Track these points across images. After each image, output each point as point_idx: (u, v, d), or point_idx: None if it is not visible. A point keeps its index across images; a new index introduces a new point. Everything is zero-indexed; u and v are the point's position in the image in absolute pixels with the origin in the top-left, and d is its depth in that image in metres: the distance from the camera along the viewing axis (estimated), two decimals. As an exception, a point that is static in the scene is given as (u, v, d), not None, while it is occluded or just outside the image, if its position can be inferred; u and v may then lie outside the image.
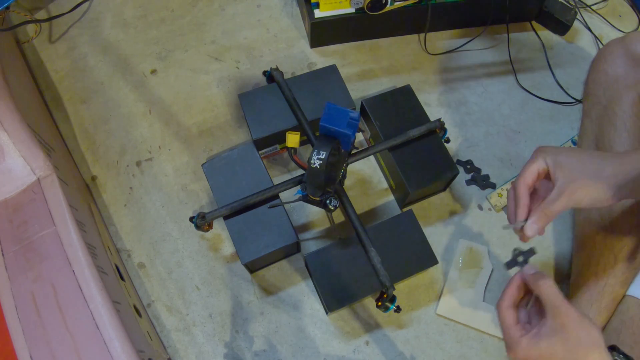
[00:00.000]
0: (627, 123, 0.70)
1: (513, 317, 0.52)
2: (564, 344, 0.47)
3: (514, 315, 0.52)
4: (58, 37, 1.05)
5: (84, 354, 0.60)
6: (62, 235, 0.67)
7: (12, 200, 0.71)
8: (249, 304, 0.81)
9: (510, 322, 0.52)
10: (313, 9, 0.96)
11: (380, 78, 1.00)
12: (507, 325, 0.52)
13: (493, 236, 0.86)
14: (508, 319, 0.52)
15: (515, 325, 0.51)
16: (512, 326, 0.51)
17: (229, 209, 0.74)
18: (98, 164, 0.92)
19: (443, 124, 0.82)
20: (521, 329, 0.51)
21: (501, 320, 0.53)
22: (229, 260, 0.84)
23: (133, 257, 0.84)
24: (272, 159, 0.92)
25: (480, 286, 0.81)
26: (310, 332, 0.79)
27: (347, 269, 0.75)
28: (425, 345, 0.78)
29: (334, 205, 0.69)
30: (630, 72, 0.72)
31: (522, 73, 1.02)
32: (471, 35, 1.04)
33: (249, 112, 0.84)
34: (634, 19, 1.09)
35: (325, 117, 0.65)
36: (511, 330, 0.51)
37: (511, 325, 0.51)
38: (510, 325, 0.51)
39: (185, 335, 0.79)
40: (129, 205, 0.88)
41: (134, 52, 1.03)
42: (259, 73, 0.99)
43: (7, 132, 0.72)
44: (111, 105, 0.97)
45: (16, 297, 0.64)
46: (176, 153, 0.92)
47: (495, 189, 0.90)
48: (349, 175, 0.89)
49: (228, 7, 1.08)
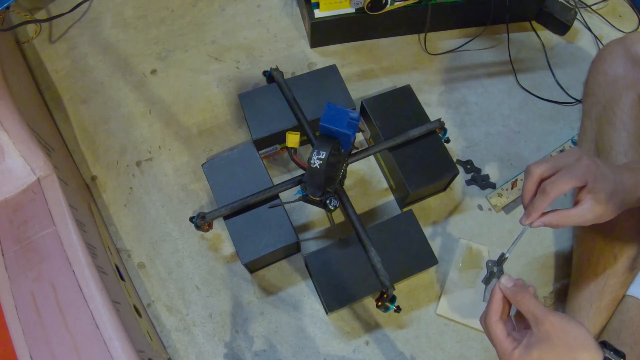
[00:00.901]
0: (627, 123, 0.70)
1: (502, 331, 0.53)
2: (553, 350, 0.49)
3: (502, 328, 0.53)
4: (58, 37, 1.05)
5: (84, 354, 0.60)
6: (62, 235, 0.67)
7: (12, 200, 0.71)
8: (249, 304, 0.81)
9: (501, 336, 0.52)
10: (313, 9, 0.96)
11: (380, 78, 1.00)
12: (499, 340, 0.52)
13: (493, 236, 0.86)
14: (498, 333, 0.52)
15: (506, 338, 0.52)
16: (503, 340, 0.52)
17: (229, 209, 0.74)
18: (98, 164, 0.92)
19: (443, 124, 0.82)
20: (512, 342, 0.51)
21: (491, 335, 0.53)
22: (229, 260, 0.84)
23: (133, 257, 0.84)
24: (272, 159, 0.92)
25: (480, 286, 0.81)
26: (310, 332, 0.79)
27: (347, 269, 0.75)
28: (425, 345, 0.78)
29: (334, 205, 0.69)
30: (630, 72, 0.72)
31: (522, 73, 1.02)
32: (471, 35, 1.04)
33: (249, 112, 0.84)
34: (634, 19, 1.09)
35: (325, 117, 0.65)
36: (503, 344, 0.52)
37: (502, 340, 0.52)
38: (501, 339, 0.52)
39: (185, 335, 0.79)
40: (129, 205, 0.88)
41: (134, 52, 1.03)
42: (259, 73, 0.99)
43: (7, 132, 0.72)
44: (111, 105, 0.97)
45: (16, 297, 0.64)
46: (176, 153, 0.92)
47: (495, 189, 0.90)
48: (349, 175, 0.89)
49: (228, 7, 1.08)
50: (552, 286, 0.82)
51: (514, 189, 0.89)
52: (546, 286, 0.83)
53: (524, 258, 0.85)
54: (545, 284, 0.83)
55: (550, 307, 0.55)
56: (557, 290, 0.82)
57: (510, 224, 0.87)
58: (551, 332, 0.49)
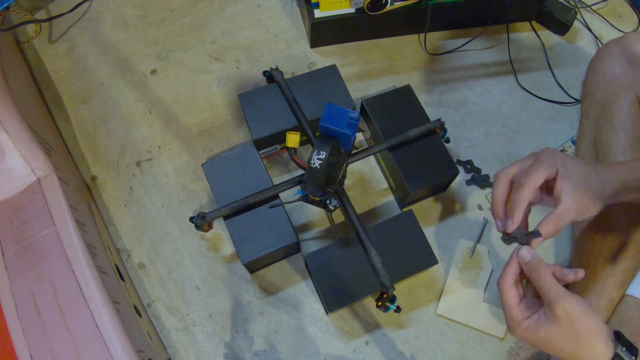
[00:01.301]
0: (625, 123, 0.70)
1: (515, 297, 0.52)
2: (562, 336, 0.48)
3: (515, 294, 0.52)
4: (58, 37, 1.05)
5: (84, 354, 0.60)
6: (62, 235, 0.67)
7: (12, 200, 0.71)
8: (249, 304, 0.81)
9: (513, 302, 0.51)
10: (313, 9, 0.96)
11: (380, 78, 1.00)
12: (510, 305, 0.51)
13: (493, 236, 0.86)
14: (510, 299, 0.52)
15: (517, 306, 0.51)
16: (514, 307, 0.51)
17: (229, 209, 0.74)
18: (98, 164, 0.92)
19: (443, 124, 0.82)
20: (523, 311, 0.51)
21: (504, 299, 0.52)
22: (229, 260, 0.84)
23: (133, 257, 0.84)
24: (272, 159, 0.92)
25: (480, 286, 0.81)
26: (310, 332, 0.79)
27: (347, 269, 0.75)
28: (425, 345, 0.78)
29: (334, 205, 0.69)
30: (628, 72, 0.72)
31: (522, 73, 1.02)
32: (471, 35, 1.04)
33: (249, 112, 0.84)
34: (634, 19, 1.09)
35: (325, 117, 0.65)
36: (513, 311, 0.51)
37: (513, 306, 0.51)
38: (512, 305, 0.51)
39: (185, 335, 0.79)
40: (129, 205, 0.88)
41: (134, 52, 1.03)
42: (259, 73, 0.99)
43: (7, 132, 0.72)
44: (111, 105, 0.97)
45: (16, 297, 0.64)
46: (176, 153, 0.92)
47: (495, 189, 0.90)
48: (349, 175, 0.89)
49: (228, 7, 1.08)
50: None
51: (514, 189, 0.89)
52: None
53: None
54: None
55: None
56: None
57: (510, 224, 0.87)
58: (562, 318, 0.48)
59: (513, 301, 0.51)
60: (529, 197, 0.53)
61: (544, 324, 0.49)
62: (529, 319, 0.50)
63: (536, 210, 0.59)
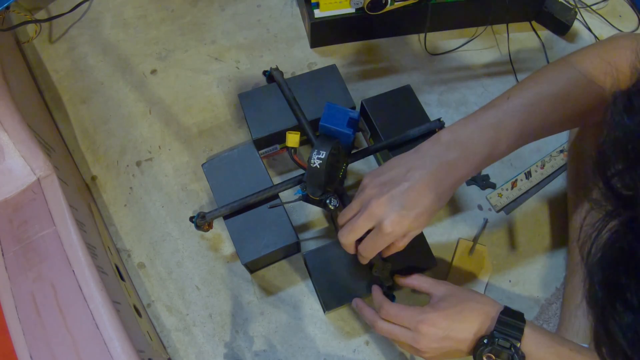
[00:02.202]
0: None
1: (397, 305, 0.63)
2: (459, 298, 0.59)
3: (396, 304, 0.64)
4: (58, 37, 1.05)
5: (84, 354, 0.60)
6: (62, 235, 0.67)
7: (12, 200, 0.71)
8: (249, 304, 0.81)
9: (400, 307, 0.64)
10: (313, 9, 0.96)
11: (380, 78, 1.01)
12: (400, 309, 0.63)
13: (493, 236, 0.86)
14: (394, 307, 0.64)
15: (407, 307, 0.63)
16: (403, 308, 0.62)
17: (229, 208, 0.74)
18: (98, 164, 0.92)
19: (443, 124, 0.82)
20: (414, 307, 0.62)
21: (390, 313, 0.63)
22: (229, 260, 0.84)
23: (133, 257, 0.84)
24: (272, 159, 0.92)
25: (480, 286, 0.81)
26: (310, 332, 0.79)
27: (346, 268, 0.75)
28: (425, 345, 0.78)
29: (334, 205, 0.69)
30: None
31: (522, 73, 1.02)
32: (471, 35, 1.04)
33: (249, 112, 0.84)
34: (634, 19, 1.09)
35: (325, 117, 0.65)
36: (406, 312, 0.61)
37: (402, 308, 0.63)
38: (403, 307, 0.63)
39: (185, 335, 0.79)
40: (129, 205, 0.88)
41: (134, 52, 1.03)
42: (259, 73, 0.99)
43: (7, 132, 0.72)
44: (111, 105, 0.97)
45: (16, 297, 0.64)
46: (176, 153, 0.93)
47: (495, 189, 0.90)
48: (349, 175, 0.90)
49: (228, 7, 1.08)
50: (554, 287, 0.83)
51: (514, 189, 0.89)
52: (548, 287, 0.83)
53: (525, 258, 0.85)
54: (547, 286, 0.83)
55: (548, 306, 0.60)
56: (557, 290, 0.82)
57: (511, 224, 0.87)
58: (447, 292, 0.60)
59: (399, 307, 0.62)
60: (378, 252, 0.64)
61: (435, 305, 0.59)
62: (422, 311, 0.59)
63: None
